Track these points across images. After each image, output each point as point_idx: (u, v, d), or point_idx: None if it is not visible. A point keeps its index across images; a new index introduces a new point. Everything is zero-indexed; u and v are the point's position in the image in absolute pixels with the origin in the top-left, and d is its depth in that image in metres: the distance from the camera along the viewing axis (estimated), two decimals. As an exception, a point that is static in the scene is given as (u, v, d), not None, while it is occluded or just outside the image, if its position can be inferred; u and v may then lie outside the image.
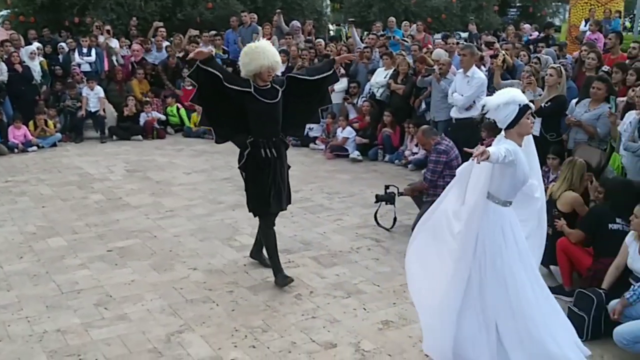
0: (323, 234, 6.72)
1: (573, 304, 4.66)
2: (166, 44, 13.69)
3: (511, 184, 3.88)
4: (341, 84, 10.85)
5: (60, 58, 13.21)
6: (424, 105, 9.92)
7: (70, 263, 5.95)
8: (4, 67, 11.29)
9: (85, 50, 12.91)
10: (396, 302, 5.11)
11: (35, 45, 12.73)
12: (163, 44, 13.56)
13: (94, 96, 11.99)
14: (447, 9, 20.76)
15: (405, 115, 10.18)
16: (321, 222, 7.11)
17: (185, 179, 9.10)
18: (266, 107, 5.14)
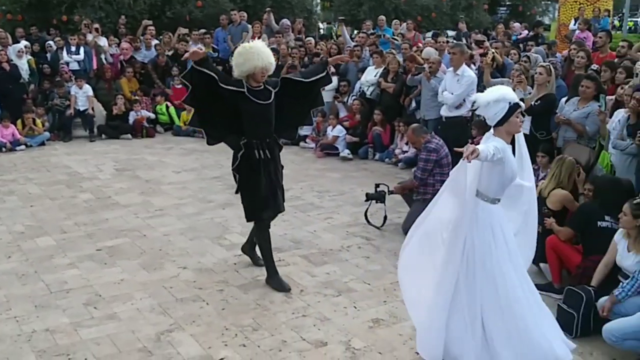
0: (313, 233, 6.72)
1: (562, 301, 4.68)
2: (155, 42, 13.63)
3: (499, 181, 3.89)
4: (331, 82, 10.83)
5: (49, 56, 13.11)
6: (414, 104, 9.93)
7: (59, 262, 5.91)
8: (-9, 65, 11.23)
9: (73, 49, 12.82)
10: (386, 300, 5.12)
11: (23, 44, 12.64)
12: (152, 43, 13.49)
13: (82, 95, 11.93)
14: (437, 7, 20.85)
15: (395, 113, 10.20)
16: (311, 221, 7.11)
17: (174, 177, 9.07)
18: (259, 108, 5.10)
